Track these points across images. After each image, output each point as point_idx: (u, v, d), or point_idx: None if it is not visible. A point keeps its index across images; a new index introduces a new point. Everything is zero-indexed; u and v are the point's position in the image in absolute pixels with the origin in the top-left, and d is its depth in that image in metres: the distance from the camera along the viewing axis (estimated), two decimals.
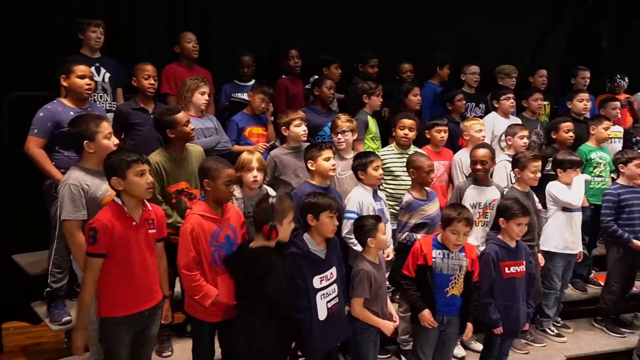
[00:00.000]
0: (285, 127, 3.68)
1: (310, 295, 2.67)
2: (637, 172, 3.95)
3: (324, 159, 3.22)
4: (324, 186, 3.26)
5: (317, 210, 2.72)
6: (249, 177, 3.12)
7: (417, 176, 3.44)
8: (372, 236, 2.89)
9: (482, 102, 5.04)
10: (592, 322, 4.23)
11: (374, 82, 4.35)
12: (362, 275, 2.85)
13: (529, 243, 3.51)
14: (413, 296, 3.02)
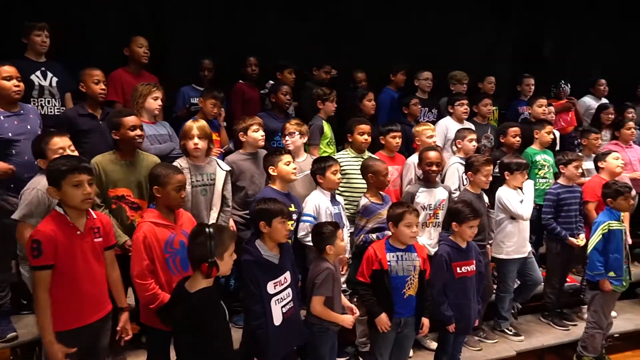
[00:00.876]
0: (242, 132, 3.67)
1: (264, 301, 2.67)
2: (575, 173, 4.15)
3: (284, 164, 3.26)
4: (285, 192, 3.28)
5: (269, 217, 2.71)
6: (190, 144, 3.22)
7: (375, 180, 3.50)
8: (331, 243, 2.92)
9: (434, 107, 5.20)
10: (539, 318, 4.40)
11: (328, 87, 4.42)
12: (326, 274, 2.87)
13: (480, 243, 3.65)
14: (369, 301, 3.06)
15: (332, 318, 2.93)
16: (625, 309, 4.60)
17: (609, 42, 6.86)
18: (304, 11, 5.42)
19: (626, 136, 5.12)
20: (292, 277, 2.85)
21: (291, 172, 3.29)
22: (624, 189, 3.74)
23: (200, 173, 3.29)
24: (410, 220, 2.99)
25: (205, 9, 5.03)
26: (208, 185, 3.31)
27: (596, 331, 3.82)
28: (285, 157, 3.28)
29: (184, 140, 3.27)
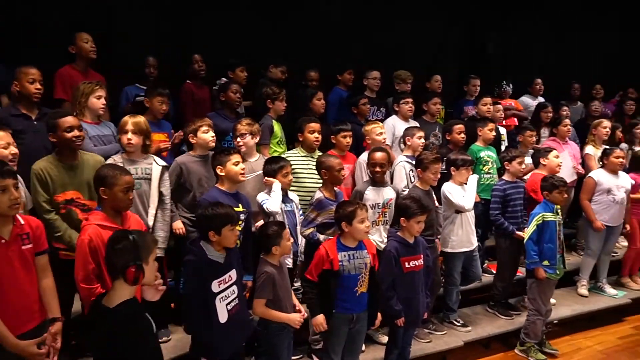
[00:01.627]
0: (192, 134, 3.61)
1: (209, 300, 2.64)
2: (519, 169, 4.35)
3: (232, 164, 3.20)
4: (232, 192, 3.24)
5: (218, 225, 2.66)
6: (124, 139, 3.20)
7: (329, 176, 3.55)
8: (277, 244, 2.93)
9: (383, 105, 5.31)
10: (486, 308, 4.58)
11: (278, 86, 4.41)
12: (265, 278, 2.88)
13: (429, 238, 3.77)
14: (311, 300, 3.08)
15: (276, 318, 2.93)
16: (564, 296, 4.86)
17: (545, 43, 7.21)
18: (257, 8, 5.39)
19: (563, 133, 5.41)
20: (237, 275, 2.84)
21: (239, 172, 3.23)
22: (560, 183, 3.95)
23: (134, 166, 3.20)
24: (362, 215, 3.04)
25: (151, 5, 4.89)
26: (142, 179, 3.24)
27: (537, 318, 4.02)
28: (234, 157, 3.22)
29: (119, 135, 3.25)
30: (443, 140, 4.87)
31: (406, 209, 3.27)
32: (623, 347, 4.35)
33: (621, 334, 4.59)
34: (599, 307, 4.77)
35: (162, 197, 3.32)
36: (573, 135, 5.78)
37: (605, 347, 4.35)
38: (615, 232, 4.87)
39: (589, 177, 4.82)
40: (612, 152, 4.72)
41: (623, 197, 4.70)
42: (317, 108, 4.60)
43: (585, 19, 7.26)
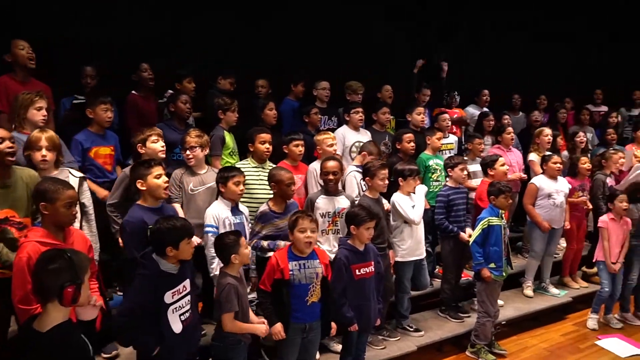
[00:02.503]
0: (140, 144, 3.52)
1: (161, 311, 2.60)
2: (461, 176, 4.50)
3: (154, 177, 3.00)
4: (155, 207, 3.04)
5: (176, 240, 2.61)
6: (38, 156, 3.05)
7: (278, 189, 3.53)
8: (236, 252, 2.91)
9: (334, 115, 5.37)
10: (437, 312, 4.69)
11: (229, 97, 4.39)
12: (228, 290, 2.85)
13: (381, 245, 3.83)
14: (267, 310, 3.08)
15: (247, 330, 2.94)
16: (511, 297, 5.04)
17: (488, 55, 7.52)
18: (206, 19, 5.35)
19: (507, 141, 5.64)
20: (191, 285, 2.80)
21: (162, 186, 3.02)
22: (505, 189, 4.12)
23: None
24: (303, 225, 3.02)
25: (90, 12, 4.75)
26: None
27: (486, 320, 4.15)
28: (156, 169, 3.02)
29: (29, 151, 3.06)
30: (393, 149, 4.97)
31: (355, 217, 3.32)
32: (566, 344, 4.55)
33: (564, 331, 4.81)
34: (543, 306, 4.97)
35: (84, 209, 3.20)
36: (516, 143, 6.04)
37: (550, 344, 4.54)
38: (557, 234, 5.11)
39: (531, 183, 5.05)
40: (550, 159, 4.97)
41: (562, 201, 4.94)
42: (269, 118, 4.60)
43: (523, 33, 7.62)
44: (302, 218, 3.05)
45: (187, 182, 3.66)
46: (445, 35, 6.99)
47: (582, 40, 8.06)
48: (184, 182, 3.65)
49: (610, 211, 4.73)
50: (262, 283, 3.11)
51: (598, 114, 7.38)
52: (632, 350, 4.41)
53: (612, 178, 5.49)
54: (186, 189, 3.64)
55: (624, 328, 4.83)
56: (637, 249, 4.82)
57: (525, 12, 7.28)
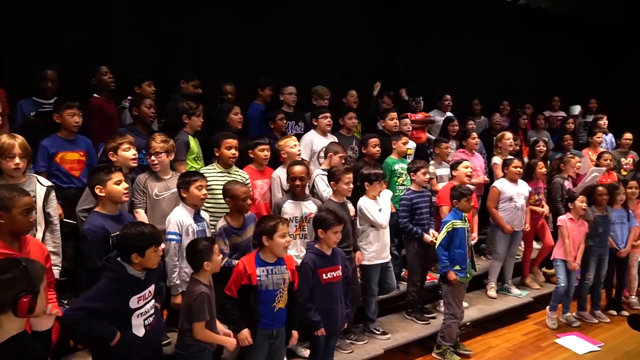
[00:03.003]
0: (112, 151, 3.45)
1: (126, 316, 2.56)
2: (424, 179, 4.58)
3: (114, 183, 2.94)
4: (114, 214, 2.99)
5: (142, 247, 2.56)
6: (10, 164, 2.95)
7: (233, 204, 3.45)
8: (208, 259, 2.87)
9: (301, 120, 5.37)
10: (404, 315, 4.74)
11: (194, 101, 4.33)
12: (202, 298, 2.82)
13: (347, 249, 3.86)
14: (234, 315, 3.05)
15: (217, 341, 2.91)
16: (475, 299, 5.15)
17: (452, 61, 7.70)
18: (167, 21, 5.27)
19: (471, 145, 5.78)
20: (155, 290, 2.76)
21: (122, 192, 2.97)
22: (467, 192, 4.21)
23: None
24: (284, 230, 3.05)
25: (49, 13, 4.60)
26: None
27: (452, 321, 4.22)
28: (116, 175, 2.96)
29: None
30: (360, 154, 5.01)
31: (323, 221, 3.33)
32: (527, 343, 4.68)
33: (525, 330, 4.94)
34: (505, 307, 5.10)
35: (49, 219, 3.10)
36: (480, 147, 6.20)
37: (512, 343, 4.66)
38: (518, 236, 5.25)
39: (493, 187, 5.19)
40: (511, 163, 5.12)
41: (523, 204, 5.10)
42: (234, 123, 4.56)
43: (482, 42, 7.85)
44: (281, 223, 3.06)
45: (152, 187, 3.59)
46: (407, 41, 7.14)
47: (542, 50, 8.35)
48: (148, 188, 3.59)
49: (568, 211, 4.90)
50: (228, 289, 3.07)
51: (555, 119, 7.65)
52: (589, 347, 4.58)
53: (570, 181, 5.71)
54: (151, 194, 3.58)
55: (581, 326, 5.00)
56: (593, 249, 5.01)
57: (489, 22, 7.49)
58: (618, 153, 6.73)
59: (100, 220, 2.90)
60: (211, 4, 5.50)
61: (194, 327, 2.83)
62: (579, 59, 8.88)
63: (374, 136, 4.93)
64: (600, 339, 4.71)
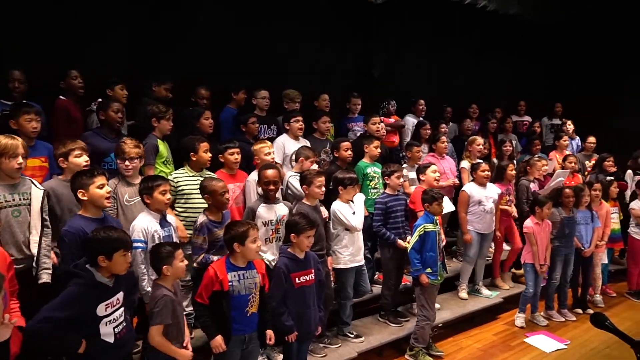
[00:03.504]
0: (63, 157, 3.36)
1: (95, 323, 2.51)
2: (398, 183, 4.62)
3: (97, 187, 2.94)
4: (98, 217, 2.98)
5: (109, 250, 2.53)
6: (14, 164, 2.94)
7: (212, 200, 3.47)
8: (169, 264, 2.83)
9: (273, 124, 5.35)
10: (377, 318, 4.76)
11: (164, 105, 4.27)
12: (164, 301, 2.77)
13: (319, 252, 3.86)
14: (206, 323, 3.01)
15: (170, 352, 2.82)
16: (447, 300, 5.22)
17: (424, 66, 7.81)
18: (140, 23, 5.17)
19: (441, 149, 5.87)
20: (125, 298, 2.71)
21: (105, 196, 2.97)
22: (438, 196, 4.27)
23: (10, 193, 2.95)
24: (255, 235, 3.04)
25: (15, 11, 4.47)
26: (22, 206, 2.98)
27: (425, 323, 4.26)
28: (99, 179, 2.96)
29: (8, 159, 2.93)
30: (333, 157, 5.03)
31: (295, 225, 3.32)
32: (498, 342, 4.76)
33: (496, 330, 5.03)
34: (476, 308, 5.18)
35: (45, 222, 3.08)
36: (451, 151, 6.30)
37: (483, 344, 4.73)
38: (488, 238, 5.34)
39: (462, 191, 5.27)
40: (479, 167, 5.21)
41: (492, 207, 5.19)
42: (205, 128, 4.52)
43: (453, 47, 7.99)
44: (252, 228, 3.04)
45: (122, 192, 3.53)
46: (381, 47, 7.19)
47: (511, 56, 8.55)
48: (118, 193, 3.52)
49: (533, 215, 5.02)
50: (199, 296, 3.03)
51: (521, 124, 7.84)
52: (556, 345, 4.69)
53: (536, 184, 5.85)
54: (121, 200, 3.52)
55: (549, 325, 5.12)
56: (560, 250, 5.15)
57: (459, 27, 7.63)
58: (582, 156, 6.95)
59: (81, 223, 2.87)
60: (187, 7, 5.43)
61: (150, 330, 2.77)
62: (546, 65, 9.12)
63: (346, 140, 4.96)
64: (567, 337, 4.84)
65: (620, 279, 6.31)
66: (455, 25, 7.55)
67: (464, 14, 6.66)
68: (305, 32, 6.34)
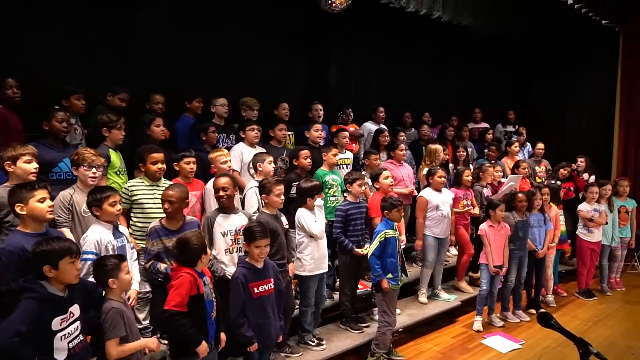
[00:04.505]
0: (10, 161, 3.20)
1: (48, 338, 2.42)
2: (360, 191, 4.66)
3: (37, 201, 2.80)
4: (40, 232, 2.83)
5: (53, 259, 2.44)
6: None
7: (171, 209, 3.41)
8: (114, 276, 2.76)
9: (232, 132, 5.29)
10: (338, 325, 4.76)
11: (115, 114, 4.15)
12: (113, 314, 2.70)
13: (280, 261, 3.83)
14: (190, 330, 2.91)
15: (135, 348, 2.77)
16: (407, 305, 5.28)
17: (381, 75, 7.94)
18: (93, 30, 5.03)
19: (399, 156, 5.95)
20: (80, 311, 2.62)
21: (46, 210, 2.84)
22: (397, 203, 4.33)
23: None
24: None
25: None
26: None
27: (387, 329, 4.29)
28: (40, 192, 2.82)
29: None
30: (291, 165, 5.02)
31: (250, 234, 3.30)
32: (456, 345, 4.85)
33: (454, 333, 5.13)
34: (435, 311, 5.27)
35: None
36: (409, 158, 6.40)
37: (442, 347, 4.81)
38: (445, 243, 5.45)
39: (420, 197, 5.37)
40: (435, 172, 5.32)
41: (448, 212, 5.31)
42: (156, 135, 4.42)
43: (409, 57, 8.17)
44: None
45: (79, 203, 3.40)
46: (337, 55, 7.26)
47: (465, 64, 8.81)
48: (74, 204, 3.39)
49: (488, 219, 5.16)
50: (179, 305, 2.89)
51: (477, 130, 8.08)
52: (512, 345, 4.82)
53: (489, 189, 6.03)
54: (78, 211, 3.40)
55: (505, 326, 5.26)
56: (514, 252, 5.31)
57: (415, 37, 7.80)
58: (533, 162, 7.21)
59: (20, 240, 2.72)
60: (143, 17, 5.31)
61: (106, 345, 2.68)
62: (499, 73, 9.46)
63: (304, 148, 4.96)
64: (522, 337, 4.98)
65: (570, 279, 6.59)
66: (412, 35, 7.72)
67: (419, 23, 6.82)
68: (263, 41, 6.31)
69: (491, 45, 8.49)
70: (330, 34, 6.98)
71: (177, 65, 5.50)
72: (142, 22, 5.29)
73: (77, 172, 3.45)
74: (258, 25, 6.17)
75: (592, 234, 6.14)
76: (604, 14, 7.76)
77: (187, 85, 5.45)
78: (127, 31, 5.23)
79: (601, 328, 5.29)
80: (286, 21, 6.46)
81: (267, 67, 6.44)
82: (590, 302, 6.11)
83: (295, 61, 6.82)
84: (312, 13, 6.23)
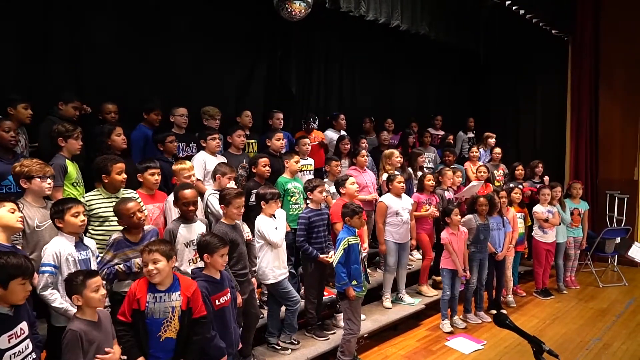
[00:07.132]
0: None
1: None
2: (321, 198, 4.69)
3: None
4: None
5: (5, 277, 2.33)
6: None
7: (125, 222, 3.37)
8: (79, 293, 2.67)
9: (192, 141, 5.21)
10: (304, 332, 4.74)
11: (71, 123, 4.03)
12: (69, 338, 2.60)
13: (242, 271, 3.81)
14: (128, 343, 2.88)
15: None
16: (372, 311, 5.32)
17: (342, 82, 8.02)
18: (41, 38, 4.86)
19: (361, 163, 6.02)
20: (30, 328, 2.52)
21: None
22: (358, 209, 4.36)
23: None
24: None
25: None
26: None
27: (352, 336, 4.30)
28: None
29: None
30: (250, 173, 5.00)
31: (207, 245, 3.26)
32: (421, 348, 4.92)
33: (419, 336, 5.19)
34: (400, 316, 5.32)
35: None
36: (371, 164, 6.47)
37: (407, 350, 4.86)
38: (406, 247, 5.52)
39: (380, 202, 5.44)
40: (395, 178, 5.41)
41: (408, 217, 5.40)
42: (118, 144, 4.32)
43: (369, 64, 8.29)
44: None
45: (31, 216, 3.28)
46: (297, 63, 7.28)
47: (423, 70, 9.01)
48: (26, 218, 3.25)
49: (447, 225, 5.27)
50: (122, 314, 2.90)
51: (437, 137, 8.27)
52: (474, 346, 4.92)
53: (451, 192, 6.17)
54: (31, 225, 3.27)
55: (467, 327, 5.38)
56: (475, 255, 5.45)
57: (374, 45, 7.93)
58: (491, 166, 7.42)
59: None
60: (97, 20, 5.18)
61: None
62: (458, 81, 9.73)
63: (264, 156, 4.96)
64: (484, 338, 5.10)
65: (529, 279, 6.81)
66: (372, 43, 7.84)
67: (378, 31, 6.94)
68: (222, 49, 6.27)
69: (447, 53, 8.72)
70: (291, 42, 7.00)
71: (132, 73, 5.39)
72: (93, 30, 5.15)
73: (27, 184, 3.30)
74: (217, 34, 6.13)
75: (547, 235, 6.38)
76: (553, 24, 8.09)
77: (143, 94, 5.33)
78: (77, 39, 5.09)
79: (558, 325, 5.48)
80: (246, 29, 6.44)
81: (227, 77, 6.39)
82: (547, 300, 6.33)
83: (255, 70, 6.79)
84: (271, 21, 6.25)
